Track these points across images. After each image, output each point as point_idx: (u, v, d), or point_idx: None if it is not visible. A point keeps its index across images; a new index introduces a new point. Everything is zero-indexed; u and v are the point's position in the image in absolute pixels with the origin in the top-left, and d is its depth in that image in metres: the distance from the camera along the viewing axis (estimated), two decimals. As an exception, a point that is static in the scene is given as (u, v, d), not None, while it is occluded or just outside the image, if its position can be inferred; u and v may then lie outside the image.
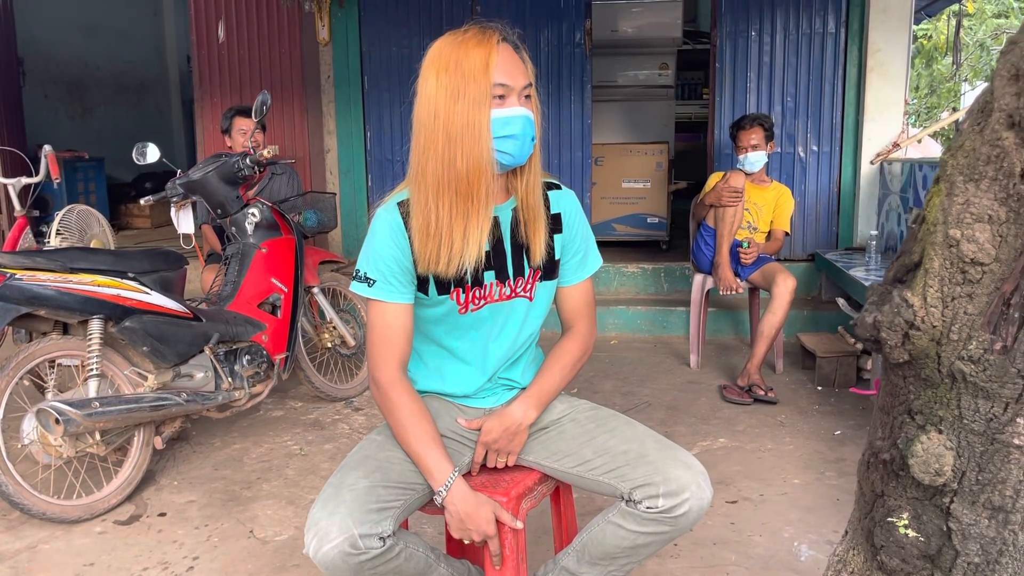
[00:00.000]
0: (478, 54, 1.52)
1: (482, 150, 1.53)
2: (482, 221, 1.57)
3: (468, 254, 1.57)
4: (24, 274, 2.62)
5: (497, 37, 1.56)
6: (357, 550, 1.44)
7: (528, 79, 1.58)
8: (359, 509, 1.47)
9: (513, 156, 1.57)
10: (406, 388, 1.65)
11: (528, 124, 1.57)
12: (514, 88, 1.55)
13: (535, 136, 1.60)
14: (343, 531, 1.44)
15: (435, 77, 1.54)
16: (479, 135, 1.53)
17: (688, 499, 1.54)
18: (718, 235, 4.03)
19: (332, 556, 1.43)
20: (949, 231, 1.05)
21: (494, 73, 1.52)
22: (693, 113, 8.08)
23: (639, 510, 1.57)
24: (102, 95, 9.19)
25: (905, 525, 1.19)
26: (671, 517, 1.55)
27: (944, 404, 1.14)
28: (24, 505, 2.59)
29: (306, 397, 3.94)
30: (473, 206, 1.56)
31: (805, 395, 3.89)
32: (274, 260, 3.41)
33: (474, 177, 1.54)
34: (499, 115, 1.54)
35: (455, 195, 1.55)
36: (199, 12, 5.84)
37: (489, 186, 1.56)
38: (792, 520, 2.64)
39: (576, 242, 1.77)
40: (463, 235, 1.57)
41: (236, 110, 4.26)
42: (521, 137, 1.56)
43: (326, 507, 1.48)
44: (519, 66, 1.57)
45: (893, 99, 5.11)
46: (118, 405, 2.68)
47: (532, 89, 1.59)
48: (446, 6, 5.60)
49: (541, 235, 1.66)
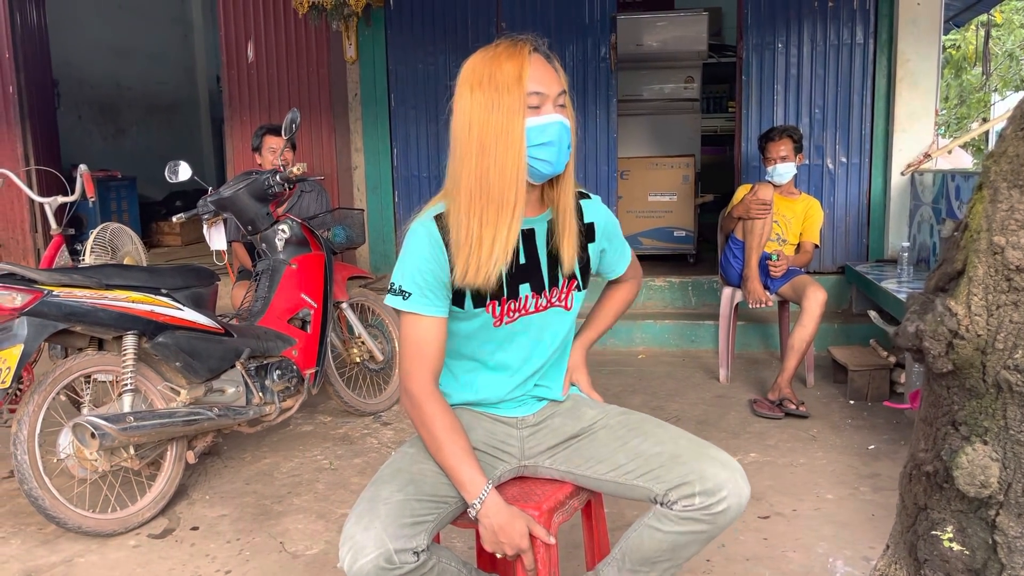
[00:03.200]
0: (511, 66, 1.53)
1: (515, 159, 1.53)
2: (512, 231, 1.57)
3: (496, 263, 1.57)
4: (61, 291, 2.66)
5: (528, 47, 1.56)
6: (392, 565, 1.44)
7: (562, 86, 1.58)
8: (394, 523, 1.47)
9: (551, 163, 1.57)
10: (439, 401, 1.65)
11: (564, 131, 1.57)
12: (548, 95, 1.56)
13: (571, 144, 1.60)
14: (378, 546, 1.44)
15: (469, 92, 1.55)
16: (512, 144, 1.53)
17: (726, 496, 1.53)
18: (747, 248, 4.01)
19: (367, 570, 1.43)
20: (993, 238, 1.03)
21: (528, 82, 1.53)
22: (719, 126, 8.05)
23: (675, 510, 1.56)
24: (134, 116, 9.36)
25: (950, 538, 1.16)
26: (709, 515, 1.54)
27: (989, 414, 1.11)
28: (60, 519, 2.62)
29: (335, 412, 3.96)
30: (503, 216, 1.55)
31: (837, 409, 3.83)
32: (304, 276, 3.44)
33: (506, 186, 1.54)
34: (534, 123, 1.54)
35: (487, 205, 1.55)
36: (229, 33, 5.93)
37: (520, 196, 1.56)
38: (826, 536, 2.60)
39: (615, 242, 1.85)
40: (492, 244, 1.56)
41: (266, 128, 4.31)
42: (557, 144, 1.56)
43: (361, 521, 1.48)
44: (552, 74, 1.58)
45: (923, 110, 5.06)
46: (152, 420, 2.71)
47: (566, 97, 1.60)
48: (472, 24, 5.65)
49: (573, 244, 1.67)
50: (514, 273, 1.66)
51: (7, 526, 2.84)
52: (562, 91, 1.58)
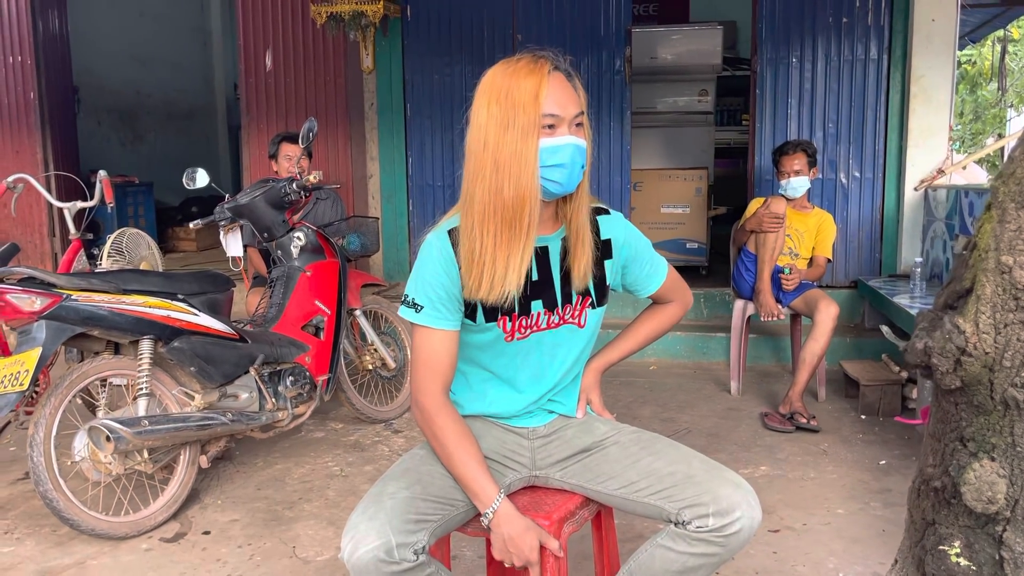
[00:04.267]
0: (528, 84, 1.53)
1: (528, 179, 1.54)
2: (525, 250, 1.58)
3: (509, 282, 1.57)
4: (79, 295, 2.70)
5: (548, 66, 1.56)
6: (391, 559, 1.45)
7: (579, 107, 1.57)
8: (398, 518, 1.49)
9: (562, 184, 1.57)
10: (450, 412, 1.66)
11: (578, 152, 1.57)
12: (564, 118, 1.55)
13: (584, 164, 1.60)
14: (381, 536, 1.45)
15: (486, 106, 1.56)
16: (526, 164, 1.53)
17: (740, 518, 1.53)
18: (759, 261, 4.01)
19: (366, 561, 1.45)
20: (1001, 257, 1.04)
21: (544, 103, 1.53)
22: (732, 139, 8.05)
23: (688, 530, 1.56)
24: (152, 123, 9.46)
25: (957, 554, 1.17)
26: (722, 537, 1.54)
27: (997, 431, 1.12)
28: (74, 521, 2.64)
29: (347, 419, 3.98)
30: (517, 235, 1.56)
31: (848, 424, 3.83)
32: (318, 283, 3.47)
33: (519, 205, 1.54)
34: (548, 144, 1.54)
35: (500, 223, 1.56)
36: (247, 42, 6.00)
37: (533, 215, 1.56)
38: (836, 551, 2.60)
39: (641, 259, 1.81)
40: (505, 263, 1.57)
41: (283, 136, 4.36)
42: (570, 166, 1.56)
43: (366, 512, 1.51)
44: (570, 95, 1.57)
45: (937, 125, 5.05)
46: (166, 424, 2.74)
47: (583, 117, 1.59)
48: (488, 35, 5.69)
49: (584, 261, 1.66)
50: (527, 289, 1.67)
51: (22, 527, 2.87)
52: (579, 112, 1.57)
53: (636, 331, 1.93)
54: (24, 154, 6.22)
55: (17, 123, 6.23)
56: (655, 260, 1.84)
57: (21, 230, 6.30)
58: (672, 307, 1.93)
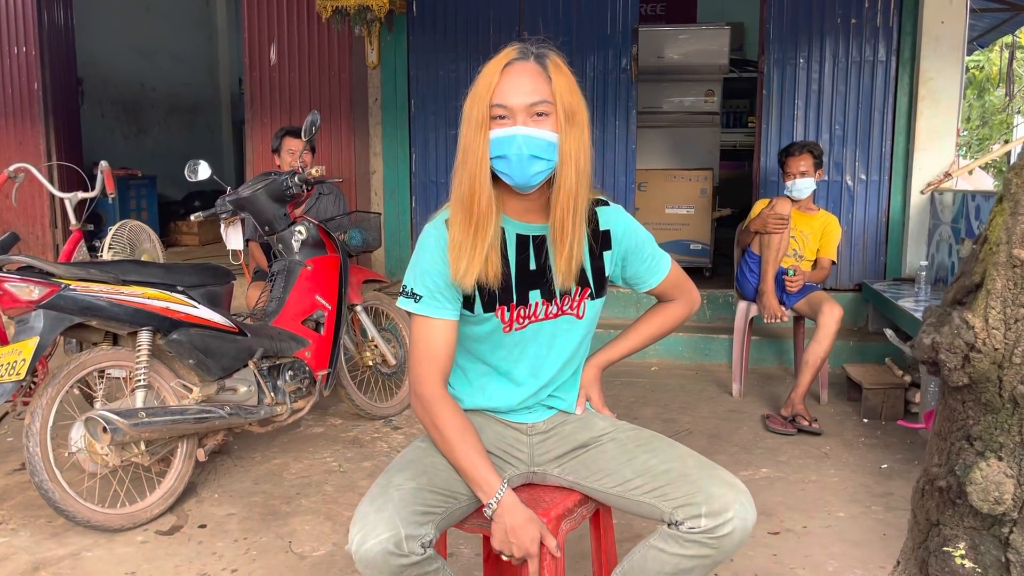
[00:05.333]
0: (486, 75, 1.54)
1: (478, 170, 1.54)
2: (483, 238, 1.57)
3: (475, 268, 1.57)
4: (78, 285, 2.68)
5: (511, 56, 1.54)
6: (400, 551, 1.44)
7: (541, 96, 1.52)
8: (406, 509, 1.48)
9: (512, 176, 1.55)
10: (450, 403, 1.65)
11: (526, 143, 1.51)
12: (514, 108, 1.52)
13: (543, 155, 1.53)
14: (390, 528, 1.44)
15: (466, 100, 1.57)
16: (475, 156, 1.54)
17: (732, 519, 1.51)
18: (763, 262, 3.98)
19: (375, 552, 1.43)
20: (1013, 251, 1.02)
21: (494, 94, 1.52)
22: (738, 141, 8.02)
23: (681, 531, 1.54)
24: (156, 115, 9.45)
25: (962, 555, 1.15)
26: (714, 538, 1.52)
27: (1005, 430, 1.10)
28: (69, 512, 2.63)
29: (346, 415, 3.96)
30: (476, 223, 1.56)
31: (851, 427, 3.80)
32: (319, 278, 3.45)
33: (470, 197, 1.55)
34: (494, 136, 1.53)
35: (463, 212, 1.57)
36: (252, 36, 5.98)
37: (487, 208, 1.55)
38: (836, 554, 2.57)
39: (642, 253, 1.77)
40: (471, 250, 1.57)
41: (286, 130, 4.34)
42: (515, 158, 1.52)
43: (374, 503, 1.49)
44: (530, 84, 1.52)
45: (945, 128, 5.02)
46: (163, 416, 2.72)
47: (552, 107, 1.53)
48: (493, 32, 5.67)
49: (566, 257, 1.61)
50: (524, 279, 1.65)
51: (17, 518, 2.85)
52: (539, 101, 1.52)
53: (639, 329, 1.90)
54: (27, 144, 6.21)
55: (21, 113, 6.22)
56: (657, 255, 1.81)
57: (23, 220, 6.29)
58: (677, 306, 1.90)
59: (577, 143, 1.55)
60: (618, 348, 1.90)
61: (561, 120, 1.54)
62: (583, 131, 1.57)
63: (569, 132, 1.54)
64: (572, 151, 1.55)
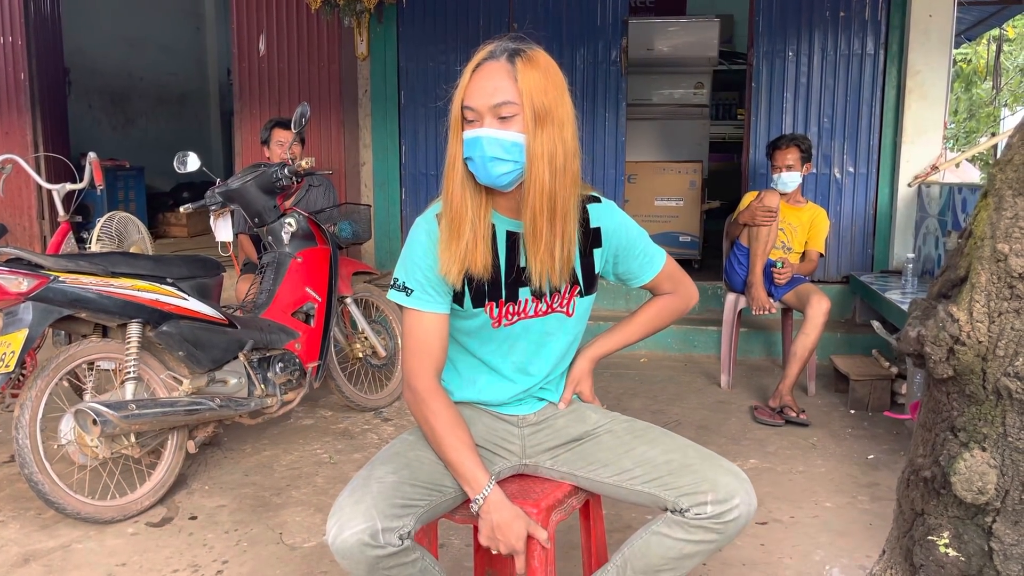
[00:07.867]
0: (463, 75, 1.55)
1: (455, 171, 1.57)
2: (459, 236, 1.58)
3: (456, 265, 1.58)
4: (67, 277, 2.67)
5: (482, 57, 1.54)
6: (376, 543, 1.44)
7: (506, 97, 1.49)
8: (384, 502, 1.48)
9: (479, 177, 1.56)
10: (442, 397, 1.65)
11: (489, 144, 1.50)
12: (480, 110, 1.51)
13: (507, 157, 1.51)
14: (367, 519, 1.44)
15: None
16: (453, 156, 1.57)
17: (738, 505, 1.54)
18: (752, 254, 4.00)
19: (351, 544, 1.44)
20: (997, 245, 1.03)
21: (464, 95, 1.53)
22: (727, 133, 8.05)
23: (687, 518, 1.56)
24: (144, 106, 9.39)
25: (946, 544, 1.17)
26: (720, 523, 1.54)
27: (988, 421, 1.12)
28: (59, 504, 2.63)
29: (336, 406, 3.96)
30: (452, 220, 1.58)
31: (838, 418, 3.83)
32: (309, 270, 3.44)
33: (451, 195, 1.58)
34: (465, 137, 1.54)
35: (444, 208, 1.60)
36: (241, 26, 5.95)
37: (462, 204, 1.57)
38: (823, 543, 2.60)
39: (634, 249, 1.78)
40: (451, 246, 1.58)
41: (275, 122, 4.32)
42: (479, 159, 1.52)
43: (353, 495, 1.50)
44: (495, 85, 1.50)
45: (932, 121, 5.05)
46: (153, 408, 2.72)
47: (519, 108, 1.50)
48: (483, 24, 5.65)
49: (541, 256, 1.59)
50: (513, 276, 1.66)
51: (6, 510, 2.85)
52: (504, 102, 1.49)
53: (632, 322, 1.89)
54: (14, 135, 6.16)
55: (7, 104, 6.17)
56: (649, 250, 1.81)
57: (10, 212, 6.24)
58: (672, 300, 1.90)
59: (551, 142, 1.51)
60: (612, 341, 1.88)
61: (528, 120, 1.50)
62: (561, 129, 1.53)
63: (539, 132, 1.50)
64: (544, 151, 1.51)
